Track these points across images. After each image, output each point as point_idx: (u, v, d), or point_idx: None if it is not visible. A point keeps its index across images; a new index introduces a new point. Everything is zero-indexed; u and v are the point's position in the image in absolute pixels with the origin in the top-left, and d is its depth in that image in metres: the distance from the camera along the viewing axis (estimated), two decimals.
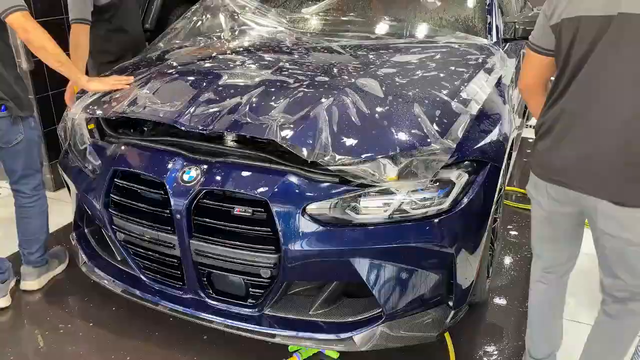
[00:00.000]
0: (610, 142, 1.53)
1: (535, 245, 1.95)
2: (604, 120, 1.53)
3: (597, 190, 1.58)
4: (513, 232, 3.24)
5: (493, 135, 2.12)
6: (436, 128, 1.93)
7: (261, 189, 1.86)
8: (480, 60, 2.53)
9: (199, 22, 3.13)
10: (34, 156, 2.51)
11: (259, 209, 1.90)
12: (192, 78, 2.31)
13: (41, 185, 2.60)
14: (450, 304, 2.05)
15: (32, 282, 2.67)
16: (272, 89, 2.12)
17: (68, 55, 2.54)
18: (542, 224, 1.85)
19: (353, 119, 1.93)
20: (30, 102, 2.42)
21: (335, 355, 2.23)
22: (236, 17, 3.13)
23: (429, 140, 1.88)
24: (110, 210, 2.16)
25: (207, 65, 2.46)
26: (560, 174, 1.66)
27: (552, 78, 1.75)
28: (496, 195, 2.10)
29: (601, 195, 1.57)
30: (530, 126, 5.15)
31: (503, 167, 2.16)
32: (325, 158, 1.78)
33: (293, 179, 1.87)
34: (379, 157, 1.82)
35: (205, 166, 1.96)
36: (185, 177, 1.95)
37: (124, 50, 3.02)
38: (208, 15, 3.17)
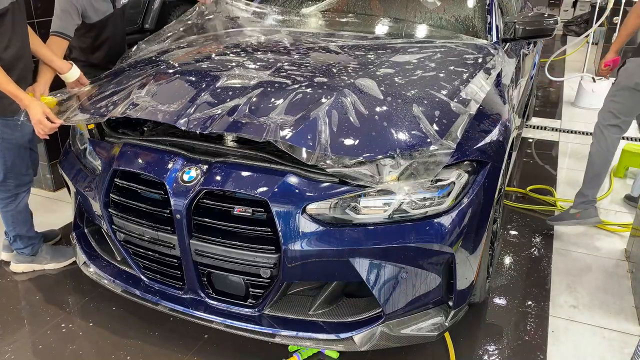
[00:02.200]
0: None
1: (620, 116, 2.96)
2: None
3: None
4: (513, 232, 3.24)
5: (493, 135, 2.12)
6: (436, 128, 1.93)
7: (261, 189, 1.86)
8: (479, 60, 2.53)
9: (194, 26, 3.14)
10: None
11: (259, 209, 1.90)
12: (191, 79, 2.30)
13: (8, 188, 2.60)
14: (450, 304, 2.04)
15: (12, 264, 2.82)
16: (271, 90, 2.12)
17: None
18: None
19: (352, 120, 1.93)
20: None
21: (335, 355, 2.23)
22: (233, 20, 3.14)
23: (428, 140, 1.88)
24: (110, 210, 2.16)
25: (206, 66, 2.46)
26: None
27: None
28: (496, 195, 2.10)
29: None
30: (530, 126, 5.15)
31: (503, 167, 2.16)
32: (327, 161, 1.78)
33: (293, 179, 1.87)
34: (379, 158, 1.82)
35: (205, 166, 1.96)
36: (185, 177, 1.95)
37: (107, 63, 3.02)
38: (204, 19, 3.18)
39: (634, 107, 2.93)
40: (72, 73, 2.66)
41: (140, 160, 2.09)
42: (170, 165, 2.00)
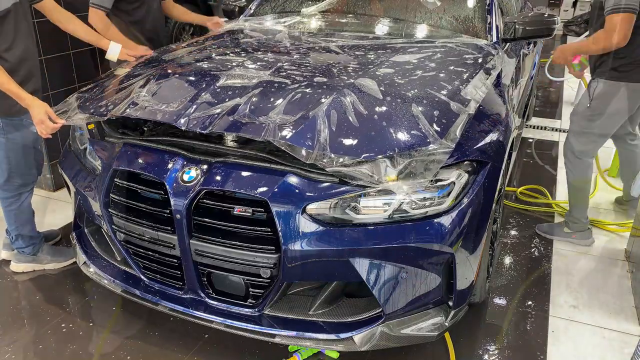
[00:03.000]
0: None
1: (597, 140, 2.92)
2: None
3: None
4: (513, 232, 3.24)
5: (493, 135, 2.12)
6: (435, 128, 1.93)
7: (261, 189, 1.86)
8: (479, 60, 2.53)
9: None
10: None
11: (259, 209, 1.90)
12: (191, 79, 2.31)
13: (12, 187, 2.60)
14: (450, 304, 2.04)
15: (12, 264, 2.82)
16: (271, 90, 2.12)
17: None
18: (615, 120, 2.84)
19: (351, 120, 1.93)
20: None
21: (335, 355, 2.23)
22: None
23: (428, 140, 1.88)
24: (110, 210, 2.16)
25: (206, 66, 2.46)
26: None
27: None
28: (496, 195, 2.10)
29: None
30: (530, 126, 5.15)
31: (503, 167, 2.16)
32: (324, 160, 1.78)
33: (293, 179, 1.87)
34: (378, 157, 1.82)
35: (205, 166, 1.96)
36: (185, 177, 1.95)
37: (143, 43, 3.03)
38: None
39: (610, 130, 2.89)
40: (112, 51, 2.73)
41: (140, 160, 2.09)
42: (170, 165, 2.00)
